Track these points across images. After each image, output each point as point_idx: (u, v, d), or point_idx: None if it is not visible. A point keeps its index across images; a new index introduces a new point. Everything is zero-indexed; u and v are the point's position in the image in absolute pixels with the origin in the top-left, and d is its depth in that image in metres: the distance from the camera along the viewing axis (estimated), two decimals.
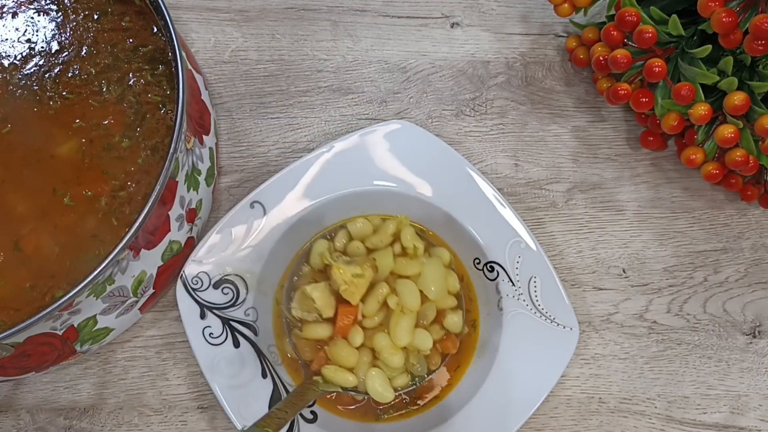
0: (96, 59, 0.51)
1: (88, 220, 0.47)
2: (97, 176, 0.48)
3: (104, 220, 0.47)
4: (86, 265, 0.46)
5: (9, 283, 0.46)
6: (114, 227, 0.47)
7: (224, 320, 0.56)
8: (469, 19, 0.69)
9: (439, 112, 0.66)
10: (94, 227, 0.47)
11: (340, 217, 0.60)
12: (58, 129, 0.49)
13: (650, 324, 0.61)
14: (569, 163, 0.65)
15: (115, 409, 0.58)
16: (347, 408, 0.56)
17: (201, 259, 0.56)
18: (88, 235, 0.47)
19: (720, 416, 0.60)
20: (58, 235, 0.47)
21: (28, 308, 0.46)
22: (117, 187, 0.48)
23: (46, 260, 0.47)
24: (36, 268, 0.47)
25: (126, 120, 0.50)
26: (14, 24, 0.52)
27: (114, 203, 0.48)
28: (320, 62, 0.67)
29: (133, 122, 0.50)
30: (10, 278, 0.46)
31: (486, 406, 0.55)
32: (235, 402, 0.54)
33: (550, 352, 0.56)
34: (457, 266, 0.59)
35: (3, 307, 0.46)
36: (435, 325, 0.55)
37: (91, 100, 0.50)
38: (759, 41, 0.52)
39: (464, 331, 0.56)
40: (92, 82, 0.51)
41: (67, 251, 0.47)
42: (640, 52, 0.59)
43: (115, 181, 0.48)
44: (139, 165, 0.49)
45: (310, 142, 0.65)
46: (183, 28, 0.67)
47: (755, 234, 0.64)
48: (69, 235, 0.47)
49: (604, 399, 0.60)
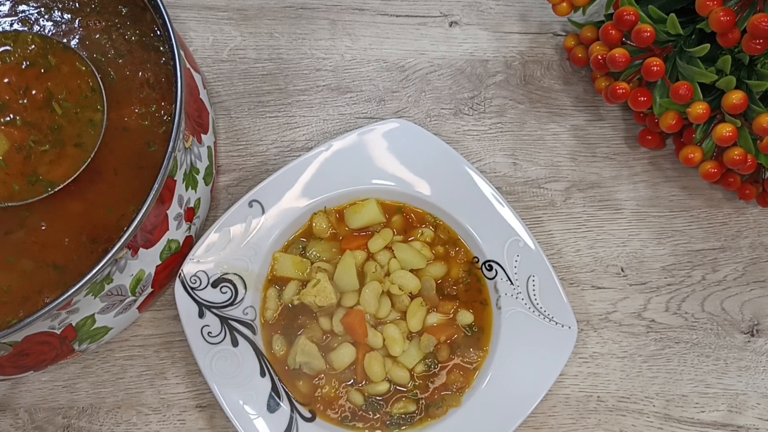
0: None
1: None
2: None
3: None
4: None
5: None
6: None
7: (223, 319, 0.56)
8: (468, 17, 0.69)
9: (437, 111, 0.66)
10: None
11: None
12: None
13: (648, 323, 0.62)
14: (567, 161, 0.65)
15: (114, 408, 0.58)
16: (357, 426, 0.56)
17: (199, 258, 0.56)
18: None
19: (718, 414, 0.60)
20: None
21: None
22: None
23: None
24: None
25: None
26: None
27: None
28: (319, 61, 0.67)
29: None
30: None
31: (484, 405, 0.55)
32: (234, 401, 0.54)
33: (549, 351, 0.56)
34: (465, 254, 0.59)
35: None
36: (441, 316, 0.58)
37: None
38: (757, 40, 0.52)
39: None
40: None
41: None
42: (638, 51, 0.59)
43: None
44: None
45: (309, 141, 0.65)
46: (181, 27, 0.67)
47: (753, 233, 0.64)
48: None
49: (603, 397, 0.60)
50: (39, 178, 0.49)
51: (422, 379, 0.56)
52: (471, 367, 0.57)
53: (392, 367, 0.56)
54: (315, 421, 0.55)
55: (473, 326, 0.58)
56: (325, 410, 0.55)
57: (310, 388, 0.56)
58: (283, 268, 0.57)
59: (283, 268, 0.57)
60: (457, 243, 0.59)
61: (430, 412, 0.55)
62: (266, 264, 0.57)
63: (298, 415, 0.55)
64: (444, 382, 0.56)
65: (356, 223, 0.59)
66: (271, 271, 0.58)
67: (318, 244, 0.58)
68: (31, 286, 0.47)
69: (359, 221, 0.58)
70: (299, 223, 0.59)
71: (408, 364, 0.56)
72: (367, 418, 0.55)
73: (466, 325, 0.57)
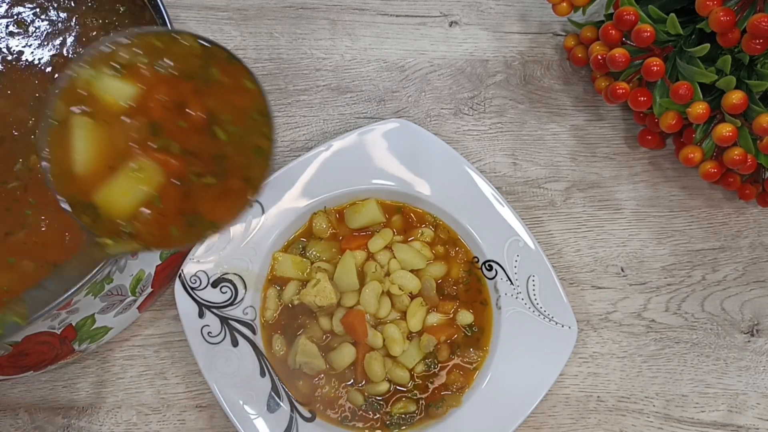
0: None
1: None
2: None
3: None
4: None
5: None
6: None
7: (223, 319, 0.56)
8: (468, 17, 0.69)
9: (437, 111, 0.66)
10: None
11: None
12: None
13: (648, 322, 0.62)
14: (567, 161, 0.65)
15: (114, 408, 0.58)
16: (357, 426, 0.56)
17: (199, 258, 0.56)
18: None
19: (718, 414, 0.60)
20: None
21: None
22: None
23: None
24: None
25: None
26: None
27: None
28: (319, 61, 0.67)
29: None
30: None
31: (484, 405, 0.55)
32: (234, 401, 0.54)
33: (549, 351, 0.56)
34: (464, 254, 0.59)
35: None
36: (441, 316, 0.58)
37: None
38: (757, 40, 0.52)
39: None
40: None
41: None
42: (638, 51, 0.59)
43: None
44: None
45: (309, 141, 0.65)
46: (181, 27, 0.67)
47: (753, 232, 0.64)
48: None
49: (603, 397, 0.60)
50: (200, 218, 0.41)
51: (422, 379, 0.56)
52: (471, 367, 0.57)
53: (392, 367, 0.56)
54: (315, 421, 0.55)
55: (473, 326, 0.58)
56: (325, 410, 0.55)
57: (310, 388, 0.56)
58: (283, 268, 0.57)
59: (283, 268, 0.57)
60: (457, 243, 0.59)
61: (430, 412, 0.55)
62: (266, 264, 0.57)
63: (298, 415, 0.54)
64: (444, 382, 0.56)
65: (356, 223, 0.59)
66: (271, 271, 0.58)
67: (318, 244, 0.58)
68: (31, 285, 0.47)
69: (359, 221, 0.58)
70: (299, 223, 0.59)
71: (408, 364, 0.56)
72: (367, 418, 0.55)
73: (466, 325, 0.57)
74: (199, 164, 0.40)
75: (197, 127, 0.41)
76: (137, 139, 0.40)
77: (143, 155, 0.39)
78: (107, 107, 0.39)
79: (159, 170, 0.40)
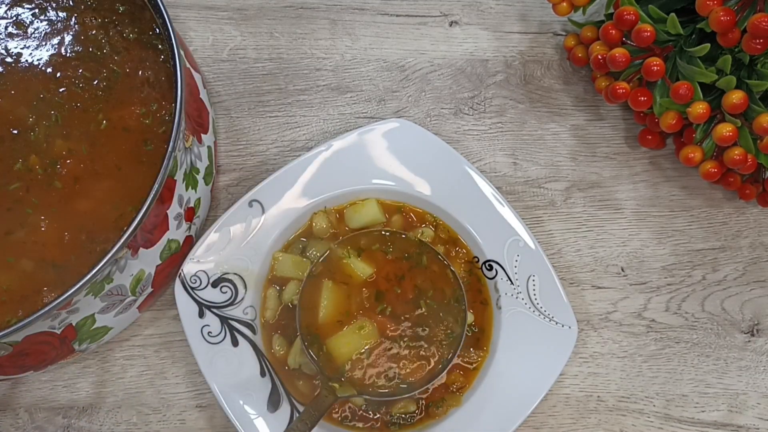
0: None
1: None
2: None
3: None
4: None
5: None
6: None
7: (223, 319, 0.56)
8: (468, 17, 0.69)
9: (437, 111, 0.66)
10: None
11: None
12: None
13: (649, 322, 0.62)
14: (568, 161, 0.65)
15: (114, 407, 0.58)
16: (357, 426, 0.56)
17: (199, 258, 0.56)
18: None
19: (718, 414, 0.60)
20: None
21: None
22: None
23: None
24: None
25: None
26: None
27: None
28: (319, 61, 0.67)
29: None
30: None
31: (485, 405, 0.55)
32: (234, 401, 0.54)
33: (549, 351, 0.56)
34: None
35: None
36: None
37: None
38: (757, 40, 0.52)
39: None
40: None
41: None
42: (638, 51, 0.59)
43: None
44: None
45: (309, 141, 0.65)
46: (181, 27, 0.67)
47: (753, 232, 0.64)
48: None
49: (603, 397, 0.60)
50: (397, 376, 0.52)
51: None
52: (471, 367, 0.57)
53: None
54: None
55: (473, 326, 0.58)
56: None
57: (310, 388, 0.55)
58: (283, 268, 0.57)
59: (283, 267, 0.57)
60: (457, 243, 0.59)
61: (430, 412, 0.55)
62: (266, 264, 0.57)
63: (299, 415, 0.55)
64: (444, 382, 0.56)
65: (356, 223, 0.58)
66: (271, 271, 0.58)
67: (318, 244, 0.58)
68: (30, 285, 0.47)
69: (359, 221, 0.58)
70: (299, 222, 0.59)
71: None
72: (367, 418, 0.55)
73: (467, 325, 0.57)
74: (406, 330, 0.53)
75: (407, 298, 0.54)
76: (365, 303, 0.53)
77: (367, 317, 0.53)
78: (351, 278, 0.54)
79: (376, 330, 0.53)
